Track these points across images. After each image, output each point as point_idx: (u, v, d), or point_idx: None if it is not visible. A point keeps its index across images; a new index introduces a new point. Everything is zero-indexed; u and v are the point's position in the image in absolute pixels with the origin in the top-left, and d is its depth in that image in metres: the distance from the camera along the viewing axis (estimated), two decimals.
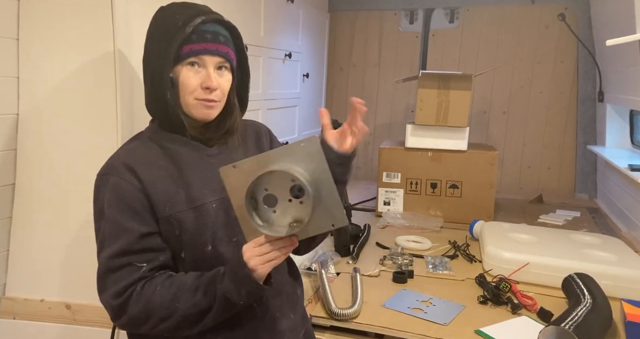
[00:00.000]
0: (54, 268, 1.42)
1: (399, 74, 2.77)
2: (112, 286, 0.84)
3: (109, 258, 0.85)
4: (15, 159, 1.42)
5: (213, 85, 0.90)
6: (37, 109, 1.39)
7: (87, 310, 1.39)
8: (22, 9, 1.36)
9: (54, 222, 1.41)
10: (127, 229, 0.86)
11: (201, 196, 0.91)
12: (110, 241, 0.86)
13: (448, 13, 2.71)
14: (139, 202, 0.87)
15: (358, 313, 1.20)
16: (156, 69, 0.90)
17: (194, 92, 0.91)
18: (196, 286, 0.85)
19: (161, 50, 0.89)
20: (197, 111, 0.92)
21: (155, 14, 0.94)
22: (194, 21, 0.88)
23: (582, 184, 2.57)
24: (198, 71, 0.90)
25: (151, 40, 0.92)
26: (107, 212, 0.87)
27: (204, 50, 0.89)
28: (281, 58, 2.11)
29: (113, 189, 0.87)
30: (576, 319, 1.07)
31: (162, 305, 0.83)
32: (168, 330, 0.85)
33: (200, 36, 0.89)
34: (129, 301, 0.84)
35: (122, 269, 0.85)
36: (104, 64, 1.30)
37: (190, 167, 0.92)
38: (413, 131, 2.06)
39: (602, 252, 1.47)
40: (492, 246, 1.52)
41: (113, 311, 0.85)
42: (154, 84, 0.91)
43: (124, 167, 0.88)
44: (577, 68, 2.52)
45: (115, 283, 0.84)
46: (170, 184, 0.89)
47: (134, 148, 0.94)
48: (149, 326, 0.84)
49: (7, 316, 1.43)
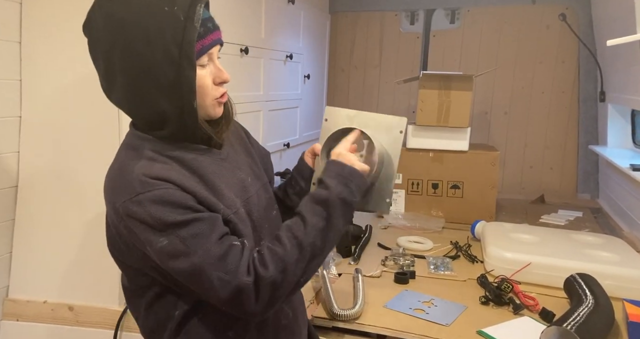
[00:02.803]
0: (57, 269, 1.42)
1: (400, 75, 2.76)
2: (236, 267, 0.74)
3: (212, 246, 0.74)
4: (18, 161, 1.43)
5: (228, 77, 0.82)
6: (39, 112, 1.40)
7: (89, 311, 1.39)
8: (25, 12, 1.37)
9: (57, 224, 1.42)
10: (207, 218, 0.76)
11: (232, 202, 0.84)
12: (195, 240, 0.74)
13: (449, 14, 2.72)
14: (194, 202, 0.76)
15: (360, 314, 1.20)
16: (169, 78, 0.74)
17: (212, 93, 0.82)
18: (301, 215, 0.81)
19: (171, 55, 0.73)
20: (213, 111, 0.84)
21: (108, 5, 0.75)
22: (197, 13, 0.74)
23: (584, 184, 2.57)
24: (207, 67, 0.81)
25: (143, 41, 0.73)
26: (171, 220, 0.73)
27: (212, 43, 0.79)
28: (282, 59, 2.12)
29: (159, 202, 0.73)
30: (578, 320, 1.07)
31: (286, 251, 0.77)
32: (304, 273, 0.79)
33: (206, 28, 0.78)
34: (258, 269, 0.76)
35: (231, 251, 0.76)
36: None
37: (213, 175, 0.83)
38: (414, 132, 2.06)
39: (604, 253, 1.47)
40: (493, 247, 1.52)
41: (252, 290, 0.75)
42: (163, 95, 0.76)
43: (154, 180, 0.75)
44: (579, 68, 2.52)
45: (236, 263, 0.75)
46: (206, 192, 0.80)
47: (146, 165, 0.78)
48: (288, 280, 0.77)
49: (10, 318, 1.44)
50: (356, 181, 0.84)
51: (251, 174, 0.95)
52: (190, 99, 0.77)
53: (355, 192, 0.83)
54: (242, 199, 0.88)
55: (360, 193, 0.85)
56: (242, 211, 0.86)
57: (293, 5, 2.16)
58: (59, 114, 1.39)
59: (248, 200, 0.90)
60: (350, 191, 0.82)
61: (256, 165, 1.00)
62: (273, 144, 2.05)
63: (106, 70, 0.78)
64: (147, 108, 0.79)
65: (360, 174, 0.86)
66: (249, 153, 1.00)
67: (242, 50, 1.72)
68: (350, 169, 0.85)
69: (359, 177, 0.85)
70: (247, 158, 0.98)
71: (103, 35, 0.76)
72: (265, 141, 1.96)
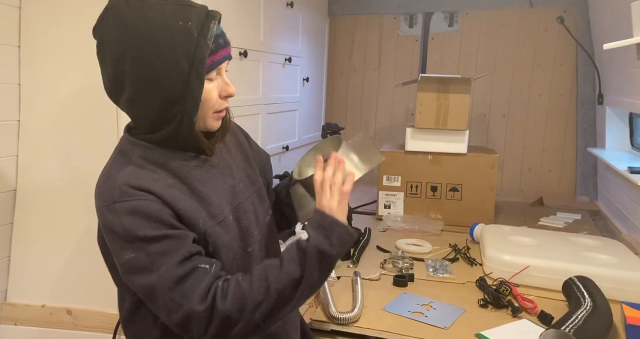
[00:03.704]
0: (55, 273, 1.42)
1: (399, 78, 2.77)
2: (191, 292, 0.73)
3: (173, 267, 0.73)
4: (17, 165, 1.43)
5: (234, 91, 0.84)
6: (38, 116, 1.40)
7: (88, 315, 1.39)
8: (24, 16, 1.37)
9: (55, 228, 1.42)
10: (177, 236, 0.76)
11: (220, 211, 0.85)
12: (160, 257, 0.74)
13: (447, 17, 2.72)
14: (170, 217, 0.76)
15: (358, 317, 1.20)
16: (176, 88, 0.76)
17: (214, 106, 0.83)
18: (281, 259, 0.79)
19: (181, 69, 0.74)
20: (211, 123, 0.85)
21: (134, 11, 0.74)
22: (210, 30, 0.76)
23: (582, 186, 2.57)
24: (215, 82, 0.82)
25: (155, 52, 0.74)
26: (142, 234, 0.73)
27: (222, 59, 0.81)
28: (281, 62, 2.12)
29: (134, 213, 0.74)
30: (576, 323, 1.07)
31: (251, 289, 0.75)
32: (266, 318, 0.76)
33: (217, 44, 0.79)
34: (215, 300, 0.74)
35: (192, 274, 0.74)
36: None
37: (201, 183, 0.84)
38: (413, 134, 2.06)
39: (602, 255, 1.47)
40: (492, 249, 1.52)
41: (202, 319, 0.73)
42: (166, 108, 0.77)
43: (135, 190, 0.76)
44: (577, 71, 2.53)
45: (193, 288, 0.73)
46: (188, 202, 0.80)
47: (132, 172, 0.79)
48: (244, 321, 0.74)
49: (8, 322, 1.43)
50: (338, 231, 0.80)
51: (245, 179, 0.95)
52: (192, 112, 0.78)
53: (335, 244, 0.79)
54: (232, 206, 0.88)
55: (342, 245, 0.81)
56: (230, 218, 0.87)
57: (292, 8, 2.17)
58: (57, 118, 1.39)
59: (238, 206, 0.90)
60: (330, 243, 0.79)
61: (252, 170, 1.00)
62: (272, 147, 2.06)
63: (115, 76, 0.79)
64: (149, 114, 0.80)
65: (340, 224, 0.81)
66: (246, 157, 1.00)
67: (241, 54, 1.73)
68: (331, 219, 0.82)
69: (340, 228, 0.81)
70: (243, 163, 0.98)
71: (115, 43, 0.76)
72: (264, 143, 1.97)
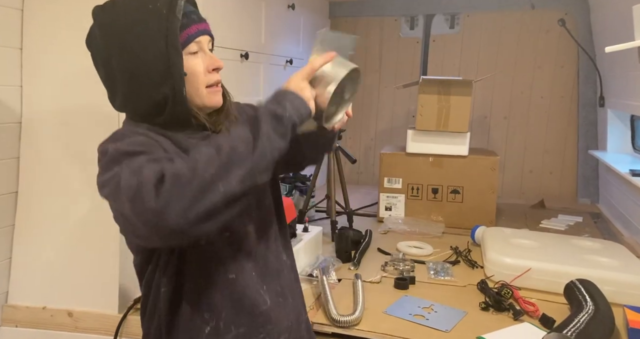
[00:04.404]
0: (56, 275, 1.42)
1: (400, 80, 2.77)
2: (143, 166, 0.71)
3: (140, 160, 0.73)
4: (18, 167, 1.43)
5: (221, 64, 0.86)
6: (40, 118, 1.40)
7: (89, 317, 1.39)
8: (26, 19, 1.38)
9: (56, 230, 1.42)
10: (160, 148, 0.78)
11: None
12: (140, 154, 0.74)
13: (448, 19, 2.73)
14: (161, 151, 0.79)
15: (359, 320, 1.20)
16: (160, 67, 0.80)
17: (204, 80, 0.85)
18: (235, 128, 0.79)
19: (159, 46, 0.79)
20: (209, 99, 0.87)
21: (104, 14, 0.83)
22: (178, 4, 0.81)
23: (584, 189, 2.57)
24: (199, 56, 0.85)
25: (133, 39, 0.79)
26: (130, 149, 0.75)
27: (198, 32, 0.84)
28: (282, 64, 2.13)
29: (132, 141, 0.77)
30: (578, 326, 1.07)
31: (201, 152, 0.72)
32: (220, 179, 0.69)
33: (189, 19, 0.83)
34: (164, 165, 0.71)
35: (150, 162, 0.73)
36: None
37: None
38: (414, 136, 2.06)
39: (604, 258, 1.47)
40: (493, 252, 1.51)
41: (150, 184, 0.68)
42: (158, 84, 0.80)
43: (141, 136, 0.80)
44: (578, 73, 2.53)
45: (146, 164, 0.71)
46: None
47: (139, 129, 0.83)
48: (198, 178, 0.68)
49: (9, 324, 1.43)
50: (289, 97, 0.78)
51: None
52: (180, 86, 0.81)
53: (288, 108, 0.76)
54: None
55: (295, 110, 0.77)
56: None
57: (293, 10, 2.17)
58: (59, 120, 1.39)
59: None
60: (283, 107, 0.76)
61: None
62: None
63: (107, 75, 0.84)
64: (144, 101, 0.83)
65: (293, 93, 0.79)
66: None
67: (242, 56, 1.73)
68: (284, 90, 0.80)
69: (293, 96, 0.79)
70: None
71: (101, 44, 0.83)
72: None
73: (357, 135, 2.96)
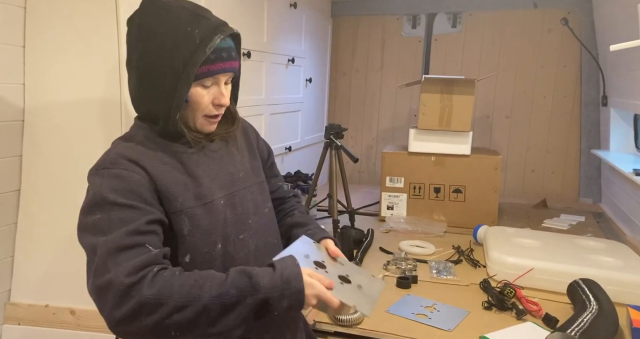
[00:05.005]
0: (59, 273, 1.42)
1: (402, 79, 2.77)
2: (124, 263, 0.73)
3: (122, 235, 0.75)
4: (21, 165, 1.43)
5: (227, 102, 0.89)
6: (42, 116, 1.40)
7: (91, 316, 1.39)
8: (29, 17, 1.37)
9: (58, 228, 1.42)
10: (138, 209, 0.78)
11: (210, 192, 0.88)
12: (118, 223, 0.76)
13: (450, 18, 2.72)
14: (148, 192, 0.81)
15: (362, 319, 1.20)
16: (168, 86, 0.83)
17: (204, 110, 0.88)
18: (227, 276, 0.76)
19: (176, 68, 0.82)
20: (202, 127, 0.91)
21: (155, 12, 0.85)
22: (213, 41, 0.83)
23: (586, 188, 2.56)
24: (210, 89, 0.88)
25: (158, 49, 0.83)
26: (111, 198, 0.78)
27: (220, 70, 0.87)
28: (284, 63, 2.12)
29: (117, 178, 0.80)
30: (582, 326, 1.07)
31: (180, 290, 0.73)
32: (178, 325, 0.73)
33: (218, 55, 0.85)
34: (143, 280, 0.72)
35: (135, 248, 0.75)
36: (108, 71, 1.31)
37: (195, 163, 0.89)
38: (416, 136, 2.06)
39: (607, 258, 1.46)
40: (496, 251, 1.51)
41: (119, 292, 0.71)
42: (158, 100, 0.85)
43: (126, 160, 0.82)
44: (581, 72, 2.52)
45: (128, 260, 0.73)
46: (177, 179, 0.85)
47: (132, 146, 0.87)
48: (157, 317, 0.72)
49: (12, 322, 1.43)
50: (293, 300, 0.76)
51: (248, 170, 0.99)
52: (176, 110, 0.84)
53: (285, 306, 0.75)
54: (227, 191, 0.92)
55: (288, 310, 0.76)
56: (221, 202, 0.90)
57: (295, 9, 2.16)
58: (61, 118, 1.39)
59: (234, 193, 0.93)
60: (279, 303, 0.75)
61: (257, 164, 1.04)
62: (275, 147, 2.05)
63: (127, 62, 0.90)
64: (144, 106, 0.90)
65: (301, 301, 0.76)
66: (254, 155, 1.05)
67: (245, 54, 1.73)
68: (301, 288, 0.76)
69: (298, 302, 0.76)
70: (249, 156, 1.03)
71: (133, 35, 0.87)
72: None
73: (358, 134, 2.96)
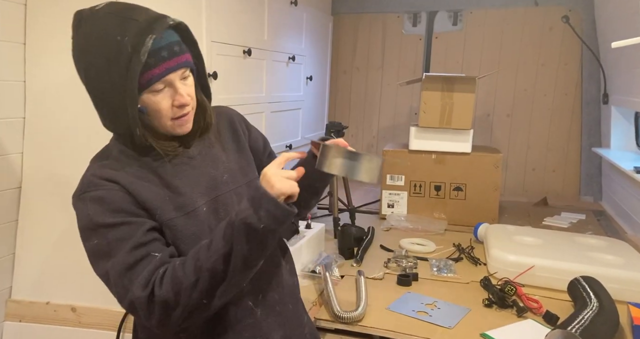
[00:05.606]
0: (60, 271, 1.42)
1: (403, 77, 2.77)
2: (136, 279, 0.77)
3: (126, 253, 0.78)
4: (22, 162, 1.43)
5: (186, 101, 0.83)
6: (43, 113, 1.40)
7: (92, 313, 1.39)
8: (29, 14, 1.37)
9: (60, 225, 1.42)
10: (134, 223, 0.80)
11: (191, 201, 0.86)
12: (117, 243, 0.79)
13: (451, 15, 2.72)
14: (132, 206, 0.81)
15: (362, 316, 1.20)
16: (117, 104, 0.79)
17: (168, 114, 0.83)
18: (210, 239, 0.80)
19: (117, 85, 0.77)
20: (174, 130, 0.86)
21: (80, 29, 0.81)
22: (145, 44, 0.76)
23: (587, 186, 2.56)
24: (164, 92, 0.82)
25: (95, 69, 0.79)
26: (101, 221, 0.79)
27: (166, 72, 0.80)
28: (285, 61, 2.12)
29: (99, 200, 0.80)
30: (583, 323, 1.07)
31: (185, 273, 0.77)
32: (206, 296, 0.78)
33: (157, 57, 0.78)
34: (154, 286, 0.77)
35: (142, 261, 0.79)
36: None
37: (172, 174, 0.87)
38: (417, 134, 2.06)
39: (608, 255, 1.46)
40: (496, 249, 1.51)
41: (144, 305, 0.77)
42: (115, 119, 0.82)
43: (103, 180, 0.81)
44: (582, 70, 2.52)
45: (139, 273, 0.78)
46: (155, 192, 0.84)
47: (106, 164, 0.85)
48: (183, 303, 0.77)
49: (13, 319, 1.44)
50: (266, 206, 0.76)
51: (234, 171, 0.95)
52: (134, 125, 0.81)
53: (263, 218, 0.75)
54: (209, 197, 0.89)
55: (272, 219, 0.76)
56: (204, 209, 0.87)
57: (296, 7, 2.16)
58: (62, 115, 1.39)
59: (217, 198, 0.90)
60: (258, 216, 0.75)
61: (245, 161, 0.99)
62: (275, 145, 2.05)
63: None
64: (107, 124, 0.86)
65: (272, 200, 0.76)
66: (241, 148, 1.00)
67: (245, 52, 1.73)
68: (263, 192, 0.77)
69: (270, 203, 0.76)
70: (236, 154, 0.98)
71: (74, 55, 0.83)
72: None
73: (359, 132, 2.96)
